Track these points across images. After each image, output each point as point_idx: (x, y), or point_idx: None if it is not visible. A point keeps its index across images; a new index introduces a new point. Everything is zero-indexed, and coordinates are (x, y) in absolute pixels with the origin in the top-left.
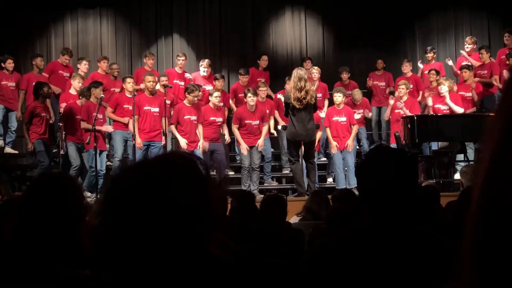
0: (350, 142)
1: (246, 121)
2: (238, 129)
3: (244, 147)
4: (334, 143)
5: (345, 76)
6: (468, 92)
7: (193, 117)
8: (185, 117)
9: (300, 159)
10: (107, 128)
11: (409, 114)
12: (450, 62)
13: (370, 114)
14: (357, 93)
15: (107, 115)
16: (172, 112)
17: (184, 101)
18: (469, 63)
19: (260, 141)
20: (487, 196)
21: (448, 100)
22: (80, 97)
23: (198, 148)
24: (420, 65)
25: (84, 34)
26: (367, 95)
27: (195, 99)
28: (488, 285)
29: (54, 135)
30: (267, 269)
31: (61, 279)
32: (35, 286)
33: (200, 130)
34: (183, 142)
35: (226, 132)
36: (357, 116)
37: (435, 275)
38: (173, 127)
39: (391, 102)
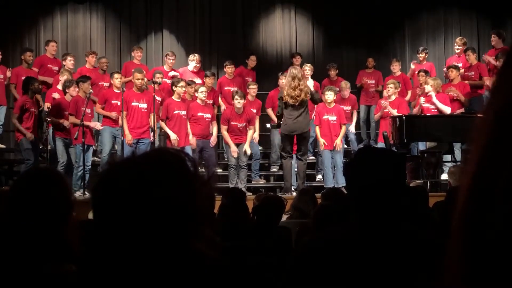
0: (339, 142)
1: (232, 123)
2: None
3: (234, 150)
4: (322, 141)
5: (333, 73)
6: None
7: (183, 112)
8: (174, 112)
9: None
10: (95, 125)
11: (395, 113)
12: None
13: (355, 117)
14: (344, 84)
15: (96, 110)
16: (161, 109)
17: (173, 96)
18: (457, 63)
19: (246, 146)
20: (474, 197)
21: (434, 98)
22: (66, 90)
23: (189, 144)
24: (413, 66)
25: (74, 28)
26: (356, 93)
27: (183, 89)
28: (474, 284)
29: (41, 130)
30: (254, 266)
31: (44, 274)
32: (16, 281)
33: (188, 126)
34: (173, 137)
35: (214, 130)
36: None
37: (422, 274)
38: (162, 123)
39: (384, 104)
